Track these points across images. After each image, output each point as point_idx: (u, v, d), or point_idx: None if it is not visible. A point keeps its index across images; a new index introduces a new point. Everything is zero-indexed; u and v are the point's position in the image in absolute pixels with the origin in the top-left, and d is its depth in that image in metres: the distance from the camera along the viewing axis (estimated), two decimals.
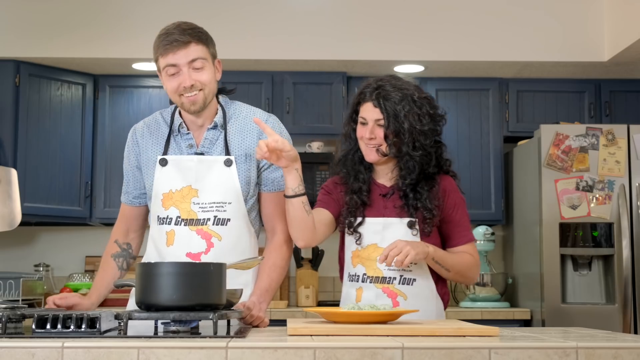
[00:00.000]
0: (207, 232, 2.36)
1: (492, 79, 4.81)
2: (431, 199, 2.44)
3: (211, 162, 2.38)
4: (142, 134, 2.48)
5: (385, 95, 2.42)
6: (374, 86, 2.46)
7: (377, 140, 2.44)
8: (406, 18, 4.54)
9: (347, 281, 2.53)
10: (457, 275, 2.48)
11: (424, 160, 2.44)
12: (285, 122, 4.63)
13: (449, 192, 2.50)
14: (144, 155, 2.45)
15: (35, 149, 4.49)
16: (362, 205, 2.48)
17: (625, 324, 4.07)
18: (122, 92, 4.74)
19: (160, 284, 1.77)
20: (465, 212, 2.53)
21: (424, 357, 1.56)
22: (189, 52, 2.29)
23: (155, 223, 2.42)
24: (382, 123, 2.42)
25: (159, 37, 2.33)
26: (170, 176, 2.38)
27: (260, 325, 2.23)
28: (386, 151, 2.44)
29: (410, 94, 2.43)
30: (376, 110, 2.42)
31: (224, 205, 2.37)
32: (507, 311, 4.36)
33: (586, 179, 4.18)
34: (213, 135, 2.42)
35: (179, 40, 2.28)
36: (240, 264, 2.29)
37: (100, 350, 1.54)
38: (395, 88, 2.43)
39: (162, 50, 2.30)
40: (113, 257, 2.47)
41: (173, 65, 2.30)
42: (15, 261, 4.88)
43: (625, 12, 4.29)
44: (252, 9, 4.52)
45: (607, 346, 1.60)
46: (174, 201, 2.38)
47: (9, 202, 2.62)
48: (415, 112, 2.41)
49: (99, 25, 4.47)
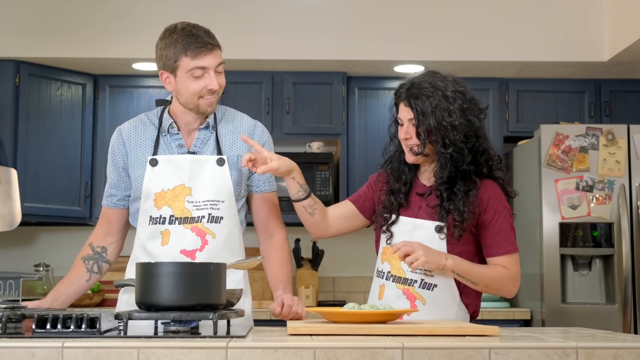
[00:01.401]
0: (202, 229, 2.37)
1: (492, 79, 4.81)
2: (466, 202, 2.35)
3: (203, 161, 2.40)
4: (128, 134, 2.47)
5: (415, 94, 2.37)
6: (407, 85, 2.42)
7: (411, 140, 2.40)
8: (406, 18, 4.54)
9: (375, 276, 2.54)
10: (488, 288, 2.40)
11: (456, 157, 2.35)
12: (285, 122, 4.68)
13: (489, 199, 2.39)
14: (132, 156, 2.45)
15: (35, 149, 4.49)
16: (398, 206, 2.46)
17: (625, 324, 4.07)
18: (122, 92, 4.74)
19: (160, 284, 1.77)
20: (507, 222, 2.41)
21: (424, 357, 1.56)
22: (216, 57, 2.35)
23: (146, 223, 2.41)
24: (415, 122, 2.39)
25: (184, 38, 2.32)
26: (162, 176, 2.39)
27: (300, 318, 2.31)
28: (419, 150, 2.40)
29: (442, 88, 2.36)
30: (408, 109, 2.39)
31: (217, 204, 2.39)
32: (507, 311, 4.36)
33: (586, 179, 4.18)
34: (204, 135, 2.44)
35: (211, 44, 2.33)
36: (240, 263, 2.31)
37: (100, 350, 1.54)
38: (427, 84, 2.38)
39: (193, 52, 2.30)
40: (83, 259, 2.48)
41: (202, 68, 2.32)
42: (15, 261, 4.88)
43: (625, 12, 4.29)
44: (252, 9, 4.52)
45: (607, 346, 1.60)
46: (167, 200, 2.38)
47: (9, 202, 2.62)
48: (444, 107, 2.34)
49: (99, 25, 4.47)
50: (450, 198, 2.37)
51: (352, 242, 4.64)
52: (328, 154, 4.74)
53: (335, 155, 4.81)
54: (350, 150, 4.73)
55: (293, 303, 2.31)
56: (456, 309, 2.40)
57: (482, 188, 2.39)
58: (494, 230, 2.39)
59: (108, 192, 2.52)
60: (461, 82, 2.43)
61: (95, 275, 2.48)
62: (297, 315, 2.31)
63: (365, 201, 2.55)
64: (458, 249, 2.37)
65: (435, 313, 2.36)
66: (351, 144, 4.73)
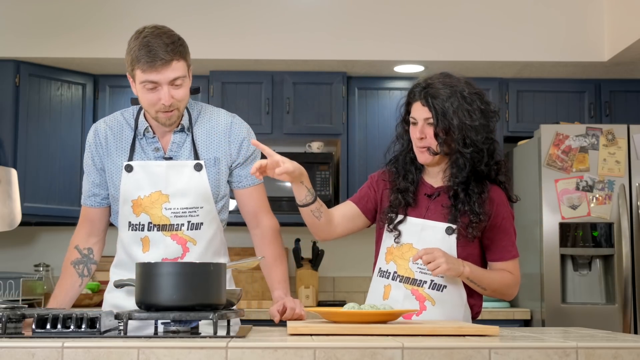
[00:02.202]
0: (182, 237, 2.35)
1: (492, 79, 4.81)
2: (480, 204, 2.36)
3: (180, 167, 2.36)
4: (105, 136, 2.42)
5: (433, 94, 2.37)
6: (422, 85, 2.41)
7: (427, 140, 2.39)
8: (406, 18, 4.54)
9: (377, 276, 2.52)
10: (494, 293, 2.43)
11: (475, 157, 2.36)
12: (285, 122, 4.68)
13: (497, 203, 2.41)
14: (108, 160, 2.41)
15: (35, 149, 4.49)
16: (406, 205, 2.45)
17: (625, 324, 4.07)
18: (122, 92, 4.74)
19: (160, 284, 1.77)
20: (511, 226, 2.44)
21: (424, 357, 1.56)
22: (171, 72, 2.25)
23: (126, 228, 2.39)
24: (432, 122, 2.37)
25: (139, 49, 2.25)
26: (138, 182, 2.35)
27: (301, 319, 2.29)
28: (437, 150, 2.38)
29: (460, 90, 2.37)
30: (425, 109, 2.38)
31: (196, 210, 2.36)
32: (507, 311, 4.36)
33: (586, 179, 4.18)
34: (180, 138, 2.39)
35: (163, 59, 2.23)
36: (240, 264, 2.30)
37: (100, 350, 1.54)
38: (445, 85, 2.38)
39: (143, 65, 2.23)
40: (73, 264, 2.44)
41: (153, 82, 2.25)
42: (15, 261, 4.88)
43: (625, 12, 4.29)
44: (252, 9, 4.52)
45: (607, 346, 1.60)
46: (144, 207, 2.35)
47: (9, 202, 2.62)
48: (465, 108, 2.35)
49: (99, 25, 4.47)
50: (465, 200, 2.36)
51: (352, 242, 4.64)
52: (328, 154, 4.74)
53: (335, 155, 4.81)
54: (350, 150, 4.73)
55: (295, 305, 2.30)
56: (463, 309, 2.42)
57: (490, 191, 2.41)
58: (501, 235, 2.42)
59: (90, 192, 2.47)
60: (474, 83, 2.44)
61: (85, 279, 2.45)
62: (299, 316, 2.30)
63: (368, 202, 2.53)
64: (466, 252, 2.39)
65: (444, 313, 2.37)
66: (351, 144, 4.73)
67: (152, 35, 2.25)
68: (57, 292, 2.42)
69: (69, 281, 2.43)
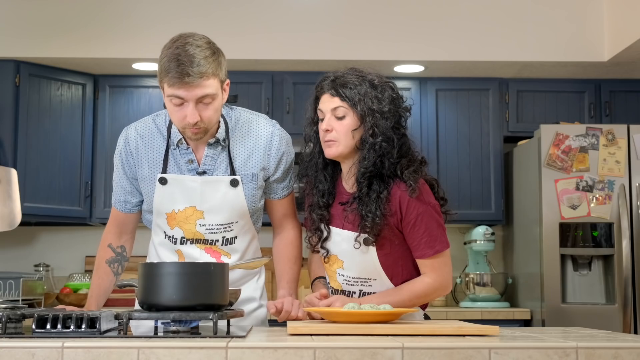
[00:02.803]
0: (217, 251, 2.35)
1: (492, 79, 4.81)
2: (379, 204, 2.22)
3: (216, 183, 2.28)
4: (136, 146, 2.34)
5: (342, 83, 2.26)
6: (331, 77, 2.31)
7: (332, 134, 2.25)
8: (406, 18, 4.54)
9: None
10: (421, 302, 2.30)
11: (385, 148, 2.22)
12: (285, 122, 4.67)
13: (409, 201, 2.24)
14: (141, 170, 2.33)
15: (35, 149, 4.49)
16: (322, 221, 2.33)
17: (625, 324, 4.07)
18: (122, 92, 4.74)
19: (161, 284, 1.77)
20: (434, 220, 2.26)
21: (424, 357, 1.56)
22: (199, 90, 2.11)
23: (162, 237, 2.37)
24: (340, 113, 2.24)
25: (168, 60, 2.10)
26: (172, 196, 2.29)
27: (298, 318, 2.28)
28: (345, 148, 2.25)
29: (370, 79, 2.27)
30: (334, 99, 2.26)
31: (231, 225, 2.33)
32: (507, 311, 4.36)
33: (586, 179, 4.18)
34: (214, 151, 2.29)
35: (191, 76, 2.08)
36: (245, 263, 2.30)
37: (100, 350, 1.54)
38: (353, 75, 2.28)
39: (170, 80, 2.10)
40: (108, 263, 2.41)
41: (180, 98, 2.13)
42: (15, 261, 4.88)
43: (625, 12, 4.29)
44: (252, 9, 4.52)
45: (607, 346, 1.59)
46: (178, 222, 2.31)
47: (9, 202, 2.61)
48: (374, 95, 2.24)
49: (99, 25, 4.47)
50: (365, 200, 2.23)
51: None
52: None
53: None
54: None
55: (292, 308, 2.26)
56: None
57: (394, 189, 2.25)
58: (420, 232, 2.25)
59: (122, 198, 2.41)
60: (385, 77, 2.34)
61: (118, 277, 2.43)
62: (296, 318, 2.27)
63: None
64: (391, 259, 2.29)
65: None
66: None
67: (184, 47, 2.11)
68: (96, 292, 2.39)
69: (106, 280, 2.40)
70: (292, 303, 2.27)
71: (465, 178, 4.69)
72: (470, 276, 4.57)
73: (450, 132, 4.72)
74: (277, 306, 2.26)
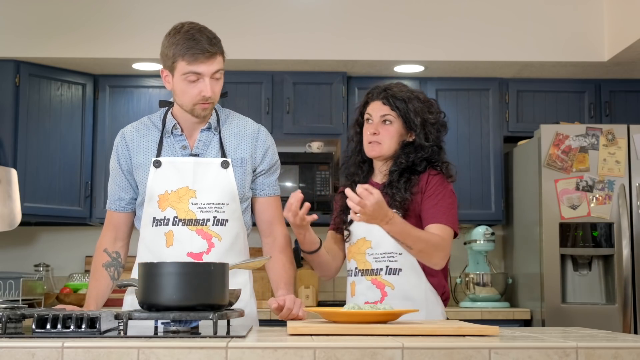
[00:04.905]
0: (208, 232, 2.37)
1: (492, 79, 4.81)
2: (407, 188, 2.51)
3: (207, 164, 2.41)
4: (131, 137, 2.48)
5: (393, 94, 2.56)
6: (382, 88, 2.60)
7: (379, 137, 2.55)
8: (406, 18, 4.54)
9: (347, 276, 2.65)
10: (420, 253, 2.45)
11: (434, 152, 2.56)
12: (285, 122, 4.68)
13: (431, 180, 2.53)
14: (136, 158, 2.45)
15: (35, 149, 4.49)
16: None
17: (625, 324, 4.07)
18: (122, 92, 4.74)
19: (161, 284, 1.77)
20: (449, 198, 2.53)
21: (424, 357, 1.56)
22: (214, 64, 2.33)
23: (150, 226, 2.41)
24: (389, 119, 2.55)
25: (184, 41, 2.32)
26: (166, 177, 2.39)
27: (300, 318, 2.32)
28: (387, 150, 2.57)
29: (417, 95, 2.59)
30: (384, 107, 2.56)
31: (222, 206, 2.39)
32: (507, 311, 4.36)
33: (586, 179, 4.18)
34: (207, 137, 2.44)
35: (209, 52, 2.31)
36: (246, 263, 2.30)
37: (100, 350, 1.54)
38: (402, 90, 2.59)
39: (189, 57, 2.30)
40: (104, 266, 2.45)
41: (197, 74, 2.32)
42: (15, 261, 4.88)
43: (625, 12, 4.29)
44: (252, 9, 4.52)
45: (607, 346, 1.60)
46: (170, 202, 2.38)
47: (9, 202, 2.61)
48: (425, 109, 2.57)
49: (99, 25, 4.47)
50: (393, 184, 2.52)
51: None
52: (328, 154, 4.74)
53: (335, 155, 4.81)
54: None
55: (293, 306, 2.30)
56: (424, 289, 2.50)
57: (424, 175, 2.55)
58: (434, 201, 2.50)
59: (116, 196, 2.51)
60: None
61: (114, 282, 2.46)
62: (297, 317, 2.30)
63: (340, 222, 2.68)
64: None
65: (405, 296, 2.47)
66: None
67: (195, 29, 2.34)
68: (94, 294, 2.43)
69: (103, 283, 2.44)
70: (294, 301, 2.32)
71: (465, 178, 4.68)
72: (470, 276, 4.57)
73: (450, 132, 4.63)
74: (279, 302, 2.29)
